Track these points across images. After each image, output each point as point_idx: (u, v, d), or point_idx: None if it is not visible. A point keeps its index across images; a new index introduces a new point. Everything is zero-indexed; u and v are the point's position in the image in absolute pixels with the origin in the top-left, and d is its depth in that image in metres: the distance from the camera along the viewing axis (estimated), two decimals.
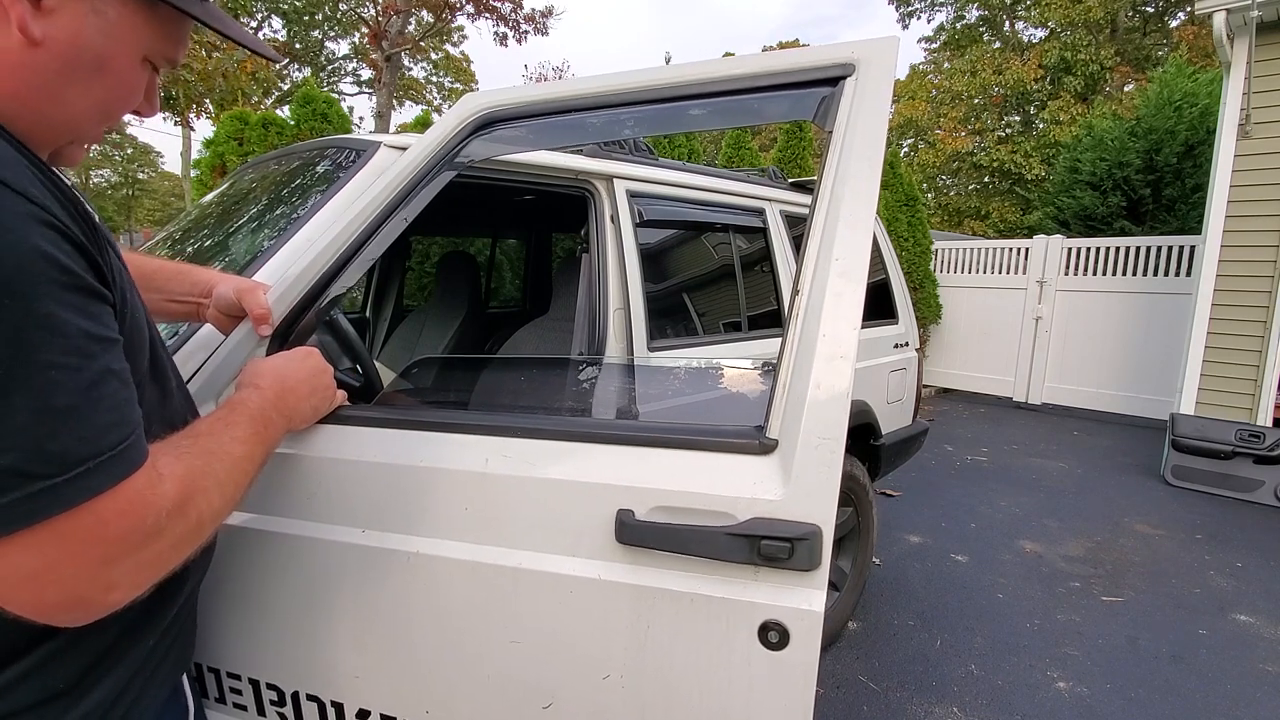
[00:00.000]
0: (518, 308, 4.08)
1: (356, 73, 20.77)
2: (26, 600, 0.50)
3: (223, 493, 0.64)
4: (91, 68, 0.57)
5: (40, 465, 0.47)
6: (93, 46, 0.57)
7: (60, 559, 0.49)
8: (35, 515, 0.47)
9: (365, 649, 0.95)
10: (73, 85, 0.57)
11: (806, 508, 0.76)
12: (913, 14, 19.69)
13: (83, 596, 0.53)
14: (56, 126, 0.59)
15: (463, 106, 1.08)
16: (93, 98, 0.59)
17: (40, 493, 0.47)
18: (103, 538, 0.51)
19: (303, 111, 4.44)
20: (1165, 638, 2.60)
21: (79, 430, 0.49)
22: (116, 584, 0.54)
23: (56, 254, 0.49)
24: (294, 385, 0.84)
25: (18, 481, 0.46)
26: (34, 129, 0.57)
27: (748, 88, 0.93)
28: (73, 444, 0.48)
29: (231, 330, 0.97)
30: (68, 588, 0.51)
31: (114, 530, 0.52)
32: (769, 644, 0.77)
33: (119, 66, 0.59)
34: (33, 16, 0.53)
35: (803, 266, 0.83)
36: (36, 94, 0.55)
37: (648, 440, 0.87)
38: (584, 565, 0.84)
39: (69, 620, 0.54)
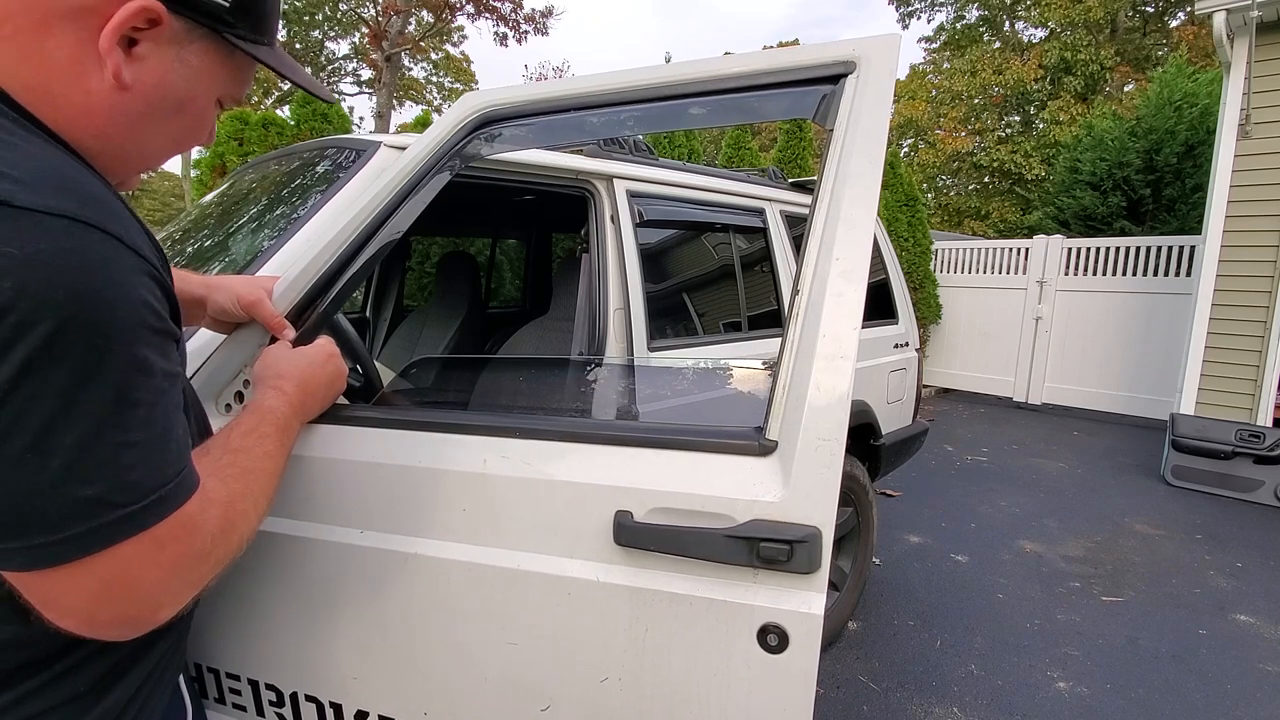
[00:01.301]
0: (518, 308, 4.08)
1: (356, 73, 20.76)
2: (81, 619, 0.53)
3: (258, 509, 0.68)
4: (173, 110, 0.61)
5: (121, 495, 0.50)
6: (176, 92, 0.60)
7: (119, 581, 0.52)
8: (107, 542, 0.50)
9: (363, 650, 0.95)
10: (154, 125, 0.60)
11: (806, 509, 0.75)
12: (913, 14, 19.68)
13: (134, 616, 0.55)
14: (133, 160, 0.62)
15: (462, 106, 1.07)
16: (169, 135, 0.63)
17: (118, 521, 0.50)
18: (158, 562, 0.54)
19: (303, 111, 4.45)
20: (1165, 638, 2.60)
21: (153, 461, 0.52)
22: (164, 603, 0.57)
23: (153, 302, 0.52)
24: (314, 386, 0.85)
25: (101, 510, 0.49)
26: (113, 163, 0.60)
27: (748, 86, 0.92)
28: (146, 475, 0.51)
29: (229, 332, 0.97)
30: (121, 608, 0.54)
31: (169, 555, 0.54)
32: (768, 647, 0.77)
33: (197, 108, 0.63)
34: (125, 63, 0.55)
35: (803, 266, 0.82)
36: (121, 133, 0.58)
37: (646, 441, 0.86)
38: (582, 567, 0.84)
39: (114, 636, 0.56)
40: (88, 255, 0.47)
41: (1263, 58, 4.29)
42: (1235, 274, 4.54)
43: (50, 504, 0.47)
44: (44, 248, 0.44)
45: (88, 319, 0.46)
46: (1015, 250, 7.15)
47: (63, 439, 0.46)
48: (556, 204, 3.02)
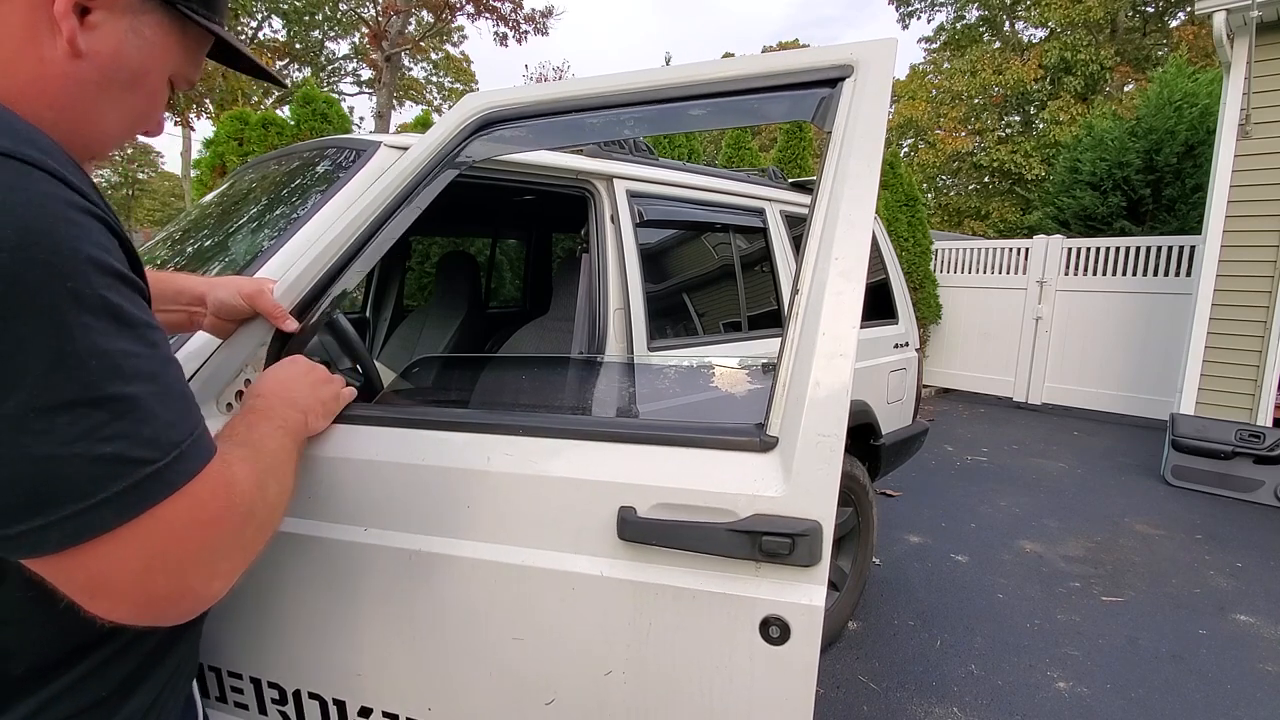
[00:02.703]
0: (518, 308, 4.08)
1: (356, 73, 20.77)
2: (134, 599, 0.50)
3: (279, 481, 0.65)
4: (127, 84, 0.60)
5: (141, 450, 0.47)
6: (130, 64, 0.59)
7: (168, 546, 0.49)
8: (145, 502, 0.47)
9: (367, 647, 0.96)
10: (108, 99, 0.59)
11: (807, 504, 0.76)
12: (913, 14, 19.69)
13: (190, 587, 0.52)
14: (89, 138, 0.60)
15: (463, 107, 1.08)
16: (123, 112, 0.62)
17: (146, 479, 0.47)
18: (201, 521, 0.51)
19: (303, 111, 4.45)
20: (1165, 638, 2.60)
21: (162, 415, 0.49)
22: (218, 572, 0.54)
23: (110, 248, 0.49)
24: (289, 381, 0.84)
25: (127, 468, 0.46)
26: (69, 139, 0.58)
27: (747, 88, 0.93)
28: (161, 430, 0.49)
29: (230, 334, 0.97)
30: (175, 578, 0.51)
31: (211, 512, 0.52)
32: (770, 639, 0.78)
33: (150, 83, 0.62)
34: (79, 30, 0.55)
35: (802, 266, 0.83)
36: (76, 104, 0.57)
37: (649, 438, 0.87)
38: (586, 562, 0.85)
39: (172, 616, 0.53)
40: (32, 192, 0.44)
41: (1263, 58, 4.29)
42: (1235, 274, 4.54)
43: (72, 466, 0.44)
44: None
45: (46, 259, 0.43)
46: (1015, 250, 7.15)
47: (62, 392, 0.43)
48: (556, 204, 3.02)
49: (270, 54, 16.49)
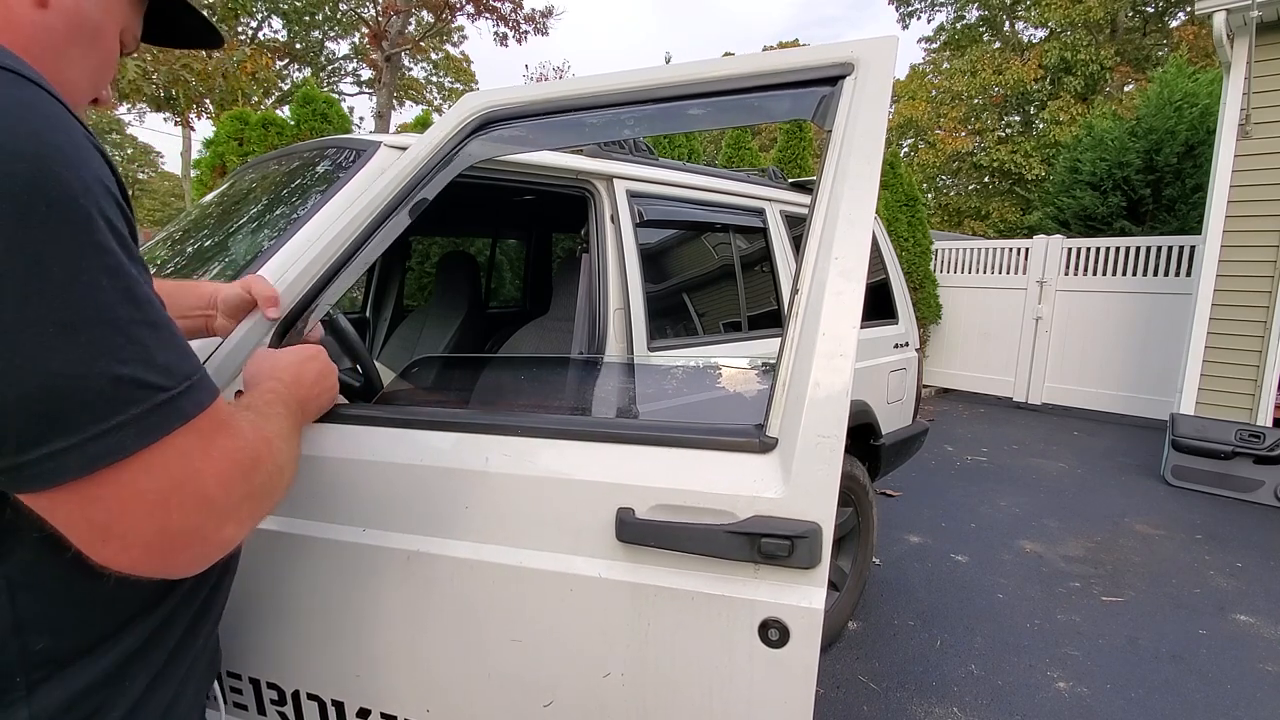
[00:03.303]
0: (518, 308, 4.08)
1: (356, 73, 20.76)
2: (150, 537, 0.48)
3: (284, 449, 0.63)
4: (90, 36, 0.60)
5: (156, 376, 0.46)
6: (91, 17, 0.60)
7: (183, 478, 0.48)
8: (162, 428, 0.46)
9: (365, 648, 0.96)
10: (74, 52, 0.60)
11: (806, 505, 0.76)
12: (913, 14, 19.68)
13: (203, 527, 0.50)
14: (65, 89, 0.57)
15: (462, 106, 1.08)
16: (88, 66, 0.62)
17: (162, 404, 0.46)
18: (213, 455, 0.50)
19: (303, 111, 4.45)
20: (1165, 638, 2.60)
21: (172, 345, 0.48)
22: (230, 514, 0.52)
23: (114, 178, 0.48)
24: (306, 379, 0.84)
25: (143, 392, 0.45)
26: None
27: (747, 87, 0.93)
28: (175, 359, 0.48)
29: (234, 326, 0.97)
30: (190, 515, 0.49)
31: (221, 449, 0.51)
32: (769, 642, 0.78)
33: (107, 38, 0.63)
34: None
35: (802, 265, 0.83)
36: (46, 54, 0.57)
37: (648, 439, 0.87)
38: (584, 563, 0.85)
39: (183, 561, 0.51)
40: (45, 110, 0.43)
41: (1263, 58, 4.29)
42: (1235, 274, 4.54)
43: (91, 385, 0.42)
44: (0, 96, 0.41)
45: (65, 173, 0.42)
46: (1015, 250, 7.15)
47: (83, 309, 0.42)
48: (556, 204, 3.02)
49: (270, 54, 16.48)
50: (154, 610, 0.60)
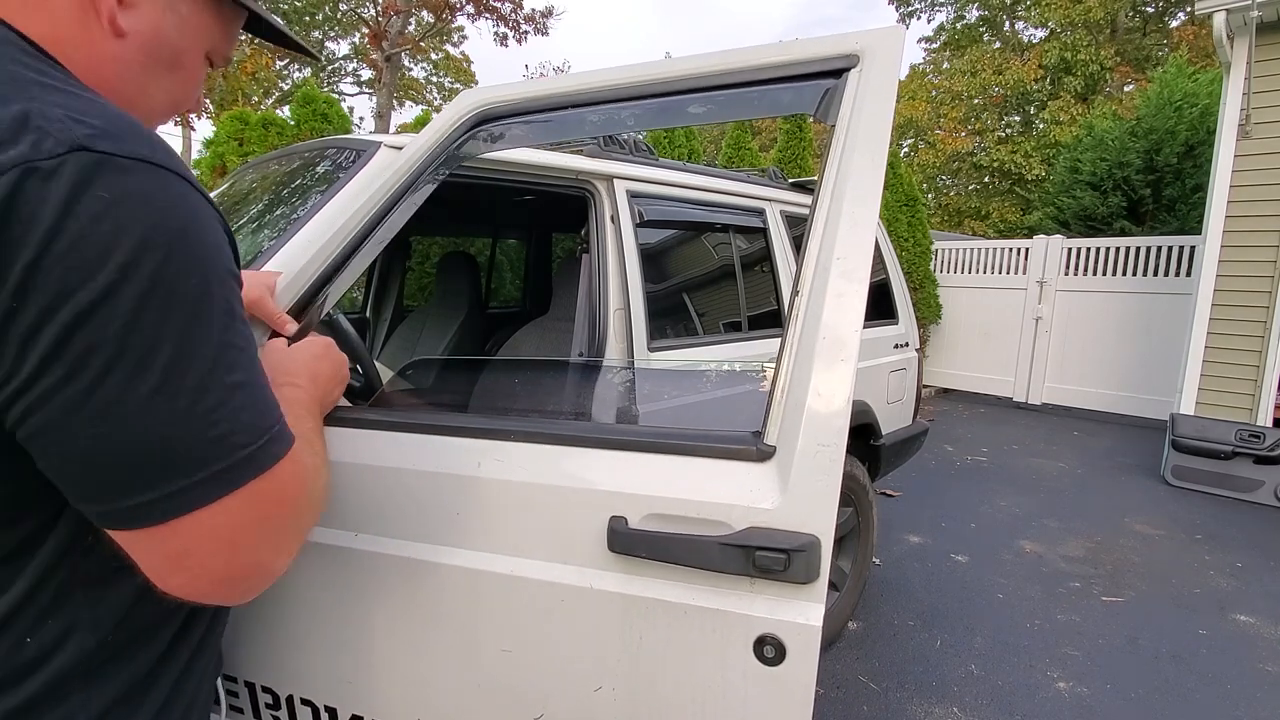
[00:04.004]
0: (518, 308, 4.07)
1: (357, 73, 20.73)
2: (216, 572, 0.53)
3: (324, 464, 0.69)
4: (169, 63, 0.61)
5: (242, 434, 0.51)
6: (170, 41, 0.60)
7: (251, 522, 0.53)
8: (241, 479, 0.51)
9: (356, 654, 0.94)
10: (152, 78, 0.60)
11: (804, 517, 0.73)
12: (913, 14, 19.66)
13: (264, 562, 0.56)
14: (141, 112, 0.61)
15: (460, 103, 1.07)
16: (166, 91, 0.63)
17: (244, 459, 0.51)
18: (282, 499, 0.55)
19: (303, 112, 4.44)
20: (1165, 638, 2.60)
21: (258, 404, 0.53)
22: (284, 549, 0.58)
23: (227, 247, 0.53)
24: (323, 378, 0.84)
25: (228, 450, 0.50)
26: None
27: (748, 81, 0.90)
28: (257, 417, 0.52)
29: None
30: (253, 553, 0.55)
31: (290, 493, 0.56)
32: (765, 659, 0.75)
33: (190, 62, 0.63)
34: (118, 10, 0.55)
35: (803, 266, 0.80)
36: (125, 85, 0.58)
37: (642, 445, 0.85)
38: (575, 573, 0.82)
39: (240, 591, 0.56)
40: (169, 196, 0.47)
41: (1263, 58, 4.29)
42: (1235, 274, 4.53)
43: (188, 444, 0.47)
44: (132, 190, 0.44)
45: (184, 256, 0.47)
46: (1015, 250, 7.14)
47: (185, 379, 0.47)
48: (556, 204, 3.01)
49: (270, 54, 16.46)
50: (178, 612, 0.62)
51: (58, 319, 0.42)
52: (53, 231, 0.41)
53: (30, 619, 0.51)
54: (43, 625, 0.52)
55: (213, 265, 0.50)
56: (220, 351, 0.49)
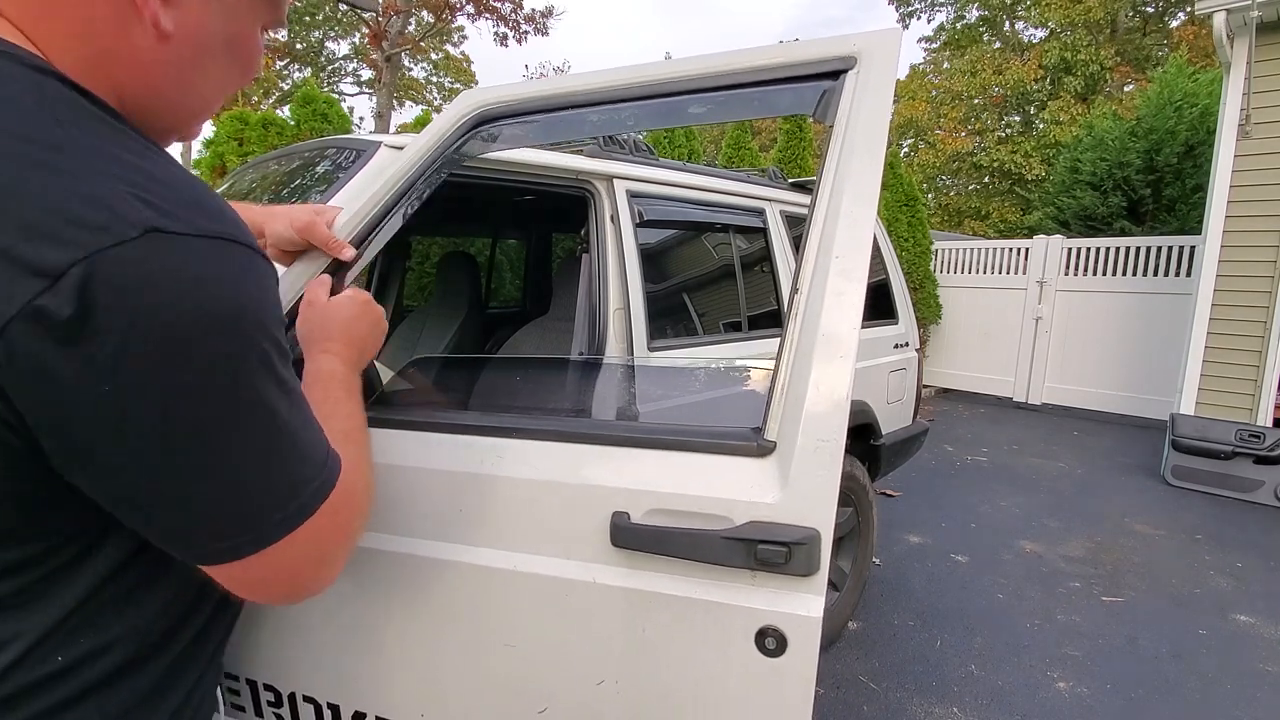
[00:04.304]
0: (518, 308, 4.07)
1: (357, 73, 20.74)
2: (286, 588, 0.60)
3: (370, 466, 0.73)
4: (221, 50, 0.59)
5: (310, 469, 0.56)
6: (219, 30, 0.58)
7: (316, 545, 0.58)
8: (310, 510, 0.56)
9: (359, 651, 0.95)
10: (206, 70, 0.59)
11: (805, 511, 0.74)
12: (913, 14, 19.66)
13: (326, 574, 0.62)
14: (193, 111, 0.61)
15: (460, 104, 1.07)
16: (221, 77, 0.61)
17: (312, 493, 0.56)
18: (337, 521, 0.60)
19: (303, 112, 4.44)
20: (1165, 638, 2.60)
21: (314, 443, 0.58)
22: (342, 557, 0.64)
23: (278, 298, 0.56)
24: (360, 338, 0.83)
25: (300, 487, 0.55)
26: (173, 119, 0.60)
27: (748, 82, 0.91)
28: (318, 449, 0.58)
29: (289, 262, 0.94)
30: (317, 568, 0.61)
31: (344, 513, 0.60)
32: (766, 650, 0.76)
33: (244, 43, 0.61)
34: (161, 9, 0.53)
35: (802, 265, 0.81)
36: (173, 86, 0.57)
37: (644, 441, 0.86)
38: (578, 568, 0.83)
39: (308, 595, 0.62)
40: (234, 270, 0.49)
41: (1263, 58, 4.29)
42: (1235, 274, 4.53)
43: (259, 496, 0.52)
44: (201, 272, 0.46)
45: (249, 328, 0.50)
46: (1015, 250, 7.14)
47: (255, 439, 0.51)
48: (556, 204, 3.01)
49: (270, 54, 16.49)
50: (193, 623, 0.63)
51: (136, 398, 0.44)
52: (131, 315, 0.42)
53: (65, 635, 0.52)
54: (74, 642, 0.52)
55: (271, 330, 0.52)
56: (291, 401, 0.54)
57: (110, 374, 0.43)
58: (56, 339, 0.41)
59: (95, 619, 0.53)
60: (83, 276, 0.40)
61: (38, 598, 0.50)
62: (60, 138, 0.44)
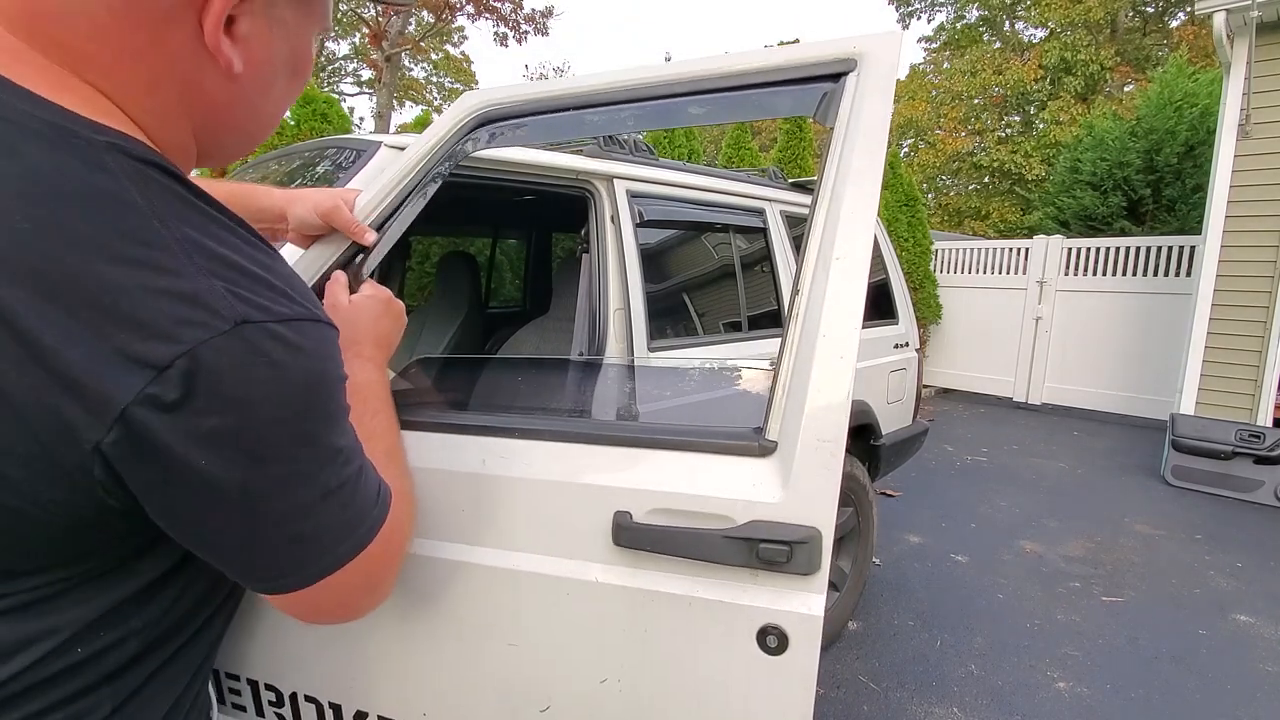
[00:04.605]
0: (518, 308, 4.08)
1: (357, 73, 20.75)
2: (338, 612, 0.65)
3: (409, 479, 0.77)
4: (286, 74, 0.60)
5: (360, 512, 0.60)
6: (282, 55, 0.59)
7: (368, 574, 0.62)
8: (364, 541, 0.60)
9: (361, 650, 0.95)
10: (271, 95, 0.60)
11: (806, 510, 0.75)
12: (913, 14, 19.67)
13: (376, 599, 0.67)
14: (259, 132, 0.63)
15: (461, 105, 1.07)
16: (284, 95, 0.62)
17: (364, 531, 0.60)
18: (388, 550, 0.64)
19: (303, 112, 4.45)
20: (1165, 638, 2.60)
21: (368, 482, 0.61)
22: (385, 582, 0.67)
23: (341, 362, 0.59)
24: (387, 336, 0.86)
25: (351, 529, 0.59)
26: (243, 144, 0.63)
27: (748, 84, 0.91)
28: (368, 491, 0.61)
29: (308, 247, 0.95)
30: (368, 594, 0.65)
31: (395, 540, 0.65)
32: (768, 649, 0.76)
33: (302, 55, 0.62)
34: (232, 50, 0.53)
35: (803, 265, 0.81)
36: (245, 117, 0.59)
37: (645, 442, 0.86)
38: (581, 568, 0.84)
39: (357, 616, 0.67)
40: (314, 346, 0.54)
41: (1263, 58, 4.29)
42: (1235, 274, 4.54)
43: (321, 536, 0.57)
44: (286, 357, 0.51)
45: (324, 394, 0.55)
46: (1015, 250, 7.15)
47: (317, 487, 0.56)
48: (557, 204, 3.01)
49: None
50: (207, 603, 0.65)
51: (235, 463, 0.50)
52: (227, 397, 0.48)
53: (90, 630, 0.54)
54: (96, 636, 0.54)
55: (338, 394, 0.57)
56: (342, 454, 0.58)
57: (208, 448, 0.48)
58: (164, 419, 0.46)
59: (120, 615, 0.55)
60: (187, 367, 0.46)
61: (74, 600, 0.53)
62: (165, 237, 0.47)
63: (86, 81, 0.50)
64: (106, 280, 0.45)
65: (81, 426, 0.45)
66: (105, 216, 0.46)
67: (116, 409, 0.45)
